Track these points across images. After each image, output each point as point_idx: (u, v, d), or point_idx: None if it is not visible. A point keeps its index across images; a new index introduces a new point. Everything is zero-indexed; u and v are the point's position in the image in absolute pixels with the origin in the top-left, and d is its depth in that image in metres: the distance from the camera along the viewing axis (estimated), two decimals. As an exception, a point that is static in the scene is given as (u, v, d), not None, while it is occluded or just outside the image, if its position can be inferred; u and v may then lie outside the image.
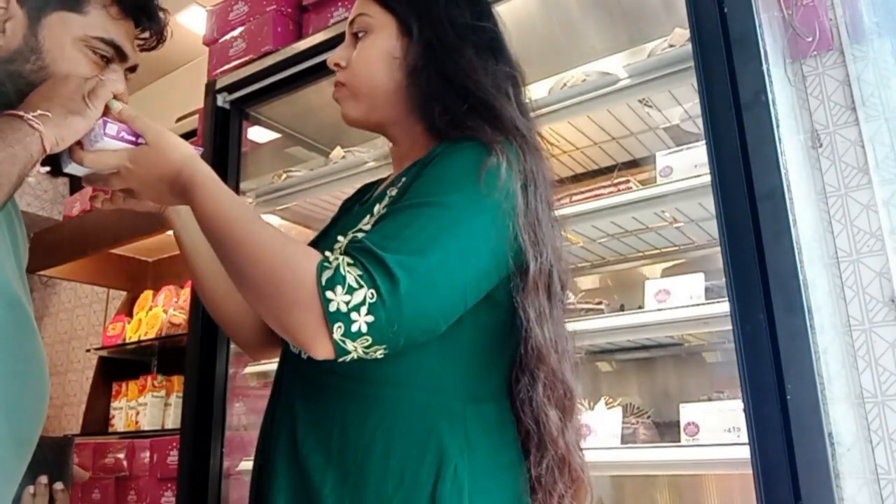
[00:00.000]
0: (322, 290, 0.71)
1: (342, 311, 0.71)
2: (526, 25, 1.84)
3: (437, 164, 0.85)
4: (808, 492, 0.98)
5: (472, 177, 0.82)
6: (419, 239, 0.76)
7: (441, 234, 0.77)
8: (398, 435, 0.82)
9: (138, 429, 2.78)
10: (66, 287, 4.19)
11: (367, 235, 0.77)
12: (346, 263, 0.73)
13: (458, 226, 0.79)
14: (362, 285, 0.72)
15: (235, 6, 2.13)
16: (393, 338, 0.74)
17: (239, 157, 2.05)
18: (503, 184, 0.82)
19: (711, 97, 1.19)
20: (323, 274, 0.72)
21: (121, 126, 0.87)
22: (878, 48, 1.58)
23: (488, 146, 0.85)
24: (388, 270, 0.72)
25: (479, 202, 0.81)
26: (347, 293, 0.71)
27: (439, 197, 0.80)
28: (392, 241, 0.75)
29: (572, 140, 1.98)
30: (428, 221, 0.78)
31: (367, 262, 0.73)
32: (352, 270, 0.72)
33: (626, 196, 1.62)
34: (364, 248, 0.74)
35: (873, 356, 1.45)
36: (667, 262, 1.99)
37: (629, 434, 1.59)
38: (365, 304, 0.71)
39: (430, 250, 0.76)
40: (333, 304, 0.71)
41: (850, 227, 1.53)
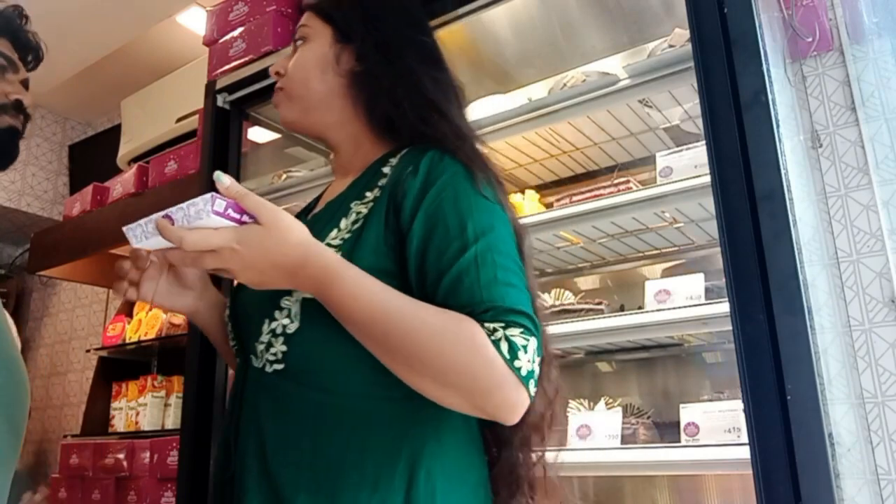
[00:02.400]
0: (511, 363, 0.77)
1: (530, 370, 0.79)
2: (526, 26, 1.84)
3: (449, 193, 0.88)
4: (808, 492, 0.98)
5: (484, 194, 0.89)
6: (513, 278, 0.84)
7: (508, 262, 0.85)
8: (371, 444, 0.83)
9: (138, 429, 2.78)
10: (66, 287, 4.19)
11: (480, 296, 0.81)
12: (504, 329, 0.79)
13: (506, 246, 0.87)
14: (528, 339, 0.79)
15: (235, 7, 2.13)
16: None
17: (239, 157, 2.05)
18: (492, 184, 0.92)
19: (711, 97, 1.19)
20: (501, 348, 0.78)
21: (229, 202, 0.77)
22: (877, 48, 1.58)
23: (467, 165, 0.91)
24: (529, 317, 0.81)
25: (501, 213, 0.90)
26: (525, 352, 0.79)
27: (484, 228, 0.86)
28: (505, 290, 0.82)
29: (572, 140, 1.98)
30: (500, 258, 0.84)
31: (518, 320, 0.80)
32: (513, 332, 0.79)
33: (626, 196, 1.62)
34: (504, 310, 0.80)
35: (873, 356, 1.45)
36: (667, 263, 1.99)
37: (629, 434, 1.59)
38: (535, 350, 0.80)
39: (517, 279, 0.85)
40: (524, 370, 0.78)
41: (850, 228, 1.53)
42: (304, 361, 0.87)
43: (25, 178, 4.05)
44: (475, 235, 0.84)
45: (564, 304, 1.79)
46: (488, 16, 1.74)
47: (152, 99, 3.35)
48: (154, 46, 3.46)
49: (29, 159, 4.08)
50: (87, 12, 3.08)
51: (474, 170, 0.90)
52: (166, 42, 3.44)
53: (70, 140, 4.27)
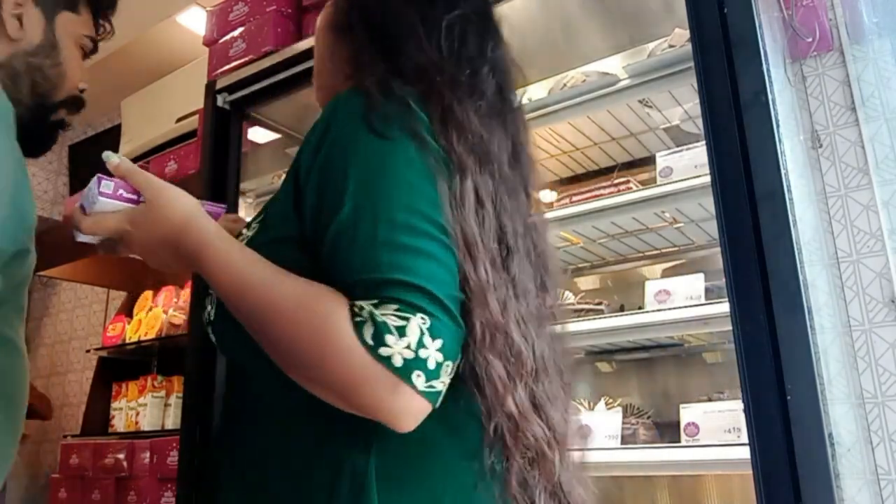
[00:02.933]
0: (374, 351, 0.61)
1: (409, 357, 0.61)
2: (526, 26, 1.84)
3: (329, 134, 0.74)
4: (808, 492, 0.98)
5: (377, 130, 0.71)
6: (402, 238, 0.66)
7: (405, 216, 0.67)
8: (293, 438, 0.73)
9: (138, 429, 2.78)
10: (66, 287, 4.18)
11: (351, 264, 0.67)
12: (373, 307, 0.63)
13: (405, 196, 0.68)
14: (407, 317, 0.62)
15: (235, 7, 2.13)
16: (461, 339, 0.67)
17: (239, 157, 2.05)
18: (391, 115, 0.72)
19: (711, 97, 1.19)
20: (364, 332, 0.62)
21: (118, 183, 0.75)
22: (877, 48, 1.58)
23: (364, 97, 0.74)
24: (414, 286, 0.64)
25: (405, 152, 0.71)
26: (401, 336, 0.62)
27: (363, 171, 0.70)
28: (385, 255, 0.66)
29: (572, 140, 1.98)
30: (383, 213, 0.67)
31: (393, 293, 0.63)
32: (386, 310, 0.62)
33: (627, 196, 1.62)
34: (375, 282, 0.65)
35: (873, 357, 1.45)
36: (667, 263, 1.99)
37: (629, 434, 1.59)
38: (424, 333, 0.62)
39: (413, 238, 0.67)
40: (396, 358, 0.61)
41: (851, 228, 1.53)
42: (228, 350, 0.80)
43: (25, 178, 4.04)
44: (356, 184, 0.68)
45: (564, 305, 1.79)
46: (488, 16, 1.74)
47: (152, 99, 3.34)
48: (154, 46, 3.46)
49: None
50: (87, 12, 3.08)
51: (370, 100, 0.73)
52: (166, 42, 3.44)
53: (70, 140, 4.26)
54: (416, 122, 0.73)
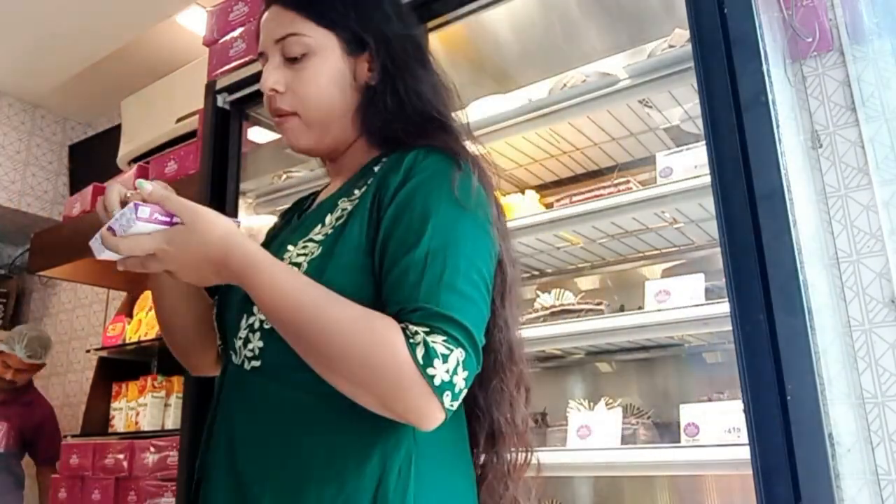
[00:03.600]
0: (423, 368, 0.75)
1: (446, 380, 0.76)
2: (526, 26, 1.84)
3: (420, 190, 0.85)
4: (808, 492, 0.98)
5: (454, 199, 0.84)
6: (461, 284, 0.80)
7: (468, 270, 0.82)
8: (341, 443, 0.82)
9: (138, 429, 2.78)
10: (66, 287, 4.19)
11: (414, 295, 0.79)
12: (426, 334, 0.76)
13: (470, 252, 0.83)
14: (452, 349, 0.77)
15: (235, 7, 2.13)
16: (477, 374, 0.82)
17: (239, 157, 2.05)
18: (477, 192, 0.87)
19: (711, 98, 1.19)
20: (417, 352, 0.75)
21: (153, 207, 0.82)
22: (877, 49, 1.58)
23: (454, 158, 0.88)
24: (462, 327, 0.78)
25: (475, 220, 0.85)
26: (444, 362, 0.76)
27: (446, 232, 0.82)
28: (446, 295, 0.79)
29: (572, 141, 1.98)
30: (451, 260, 0.81)
31: (445, 327, 0.77)
32: (436, 339, 0.76)
33: (627, 197, 1.62)
34: (431, 314, 0.78)
35: (873, 357, 1.45)
36: (667, 263, 1.99)
37: (629, 435, 1.59)
38: (459, 364, 0.77)
39: (469, 286, 0.81)
40: (437, 378, 0.75)
41: (851, 228, 1.53)
42: (279, 357, 0.85)
43: (26, 178, 4.05)
44: (434, 232, 0.82)
45: (564, 305, 1.79)
46: (488, 16, 1.74)
47: (152, 99, 3.35)
48: (154, 47, 3.46)
49: (29, 159, 4.08)
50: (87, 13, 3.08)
51: (458, 170, 0.86)
52: (166, 42, 3.44)
53: (70, 140, 4.27)
54: (493, 203, 0.91)
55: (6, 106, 4.02)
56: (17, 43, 3.38)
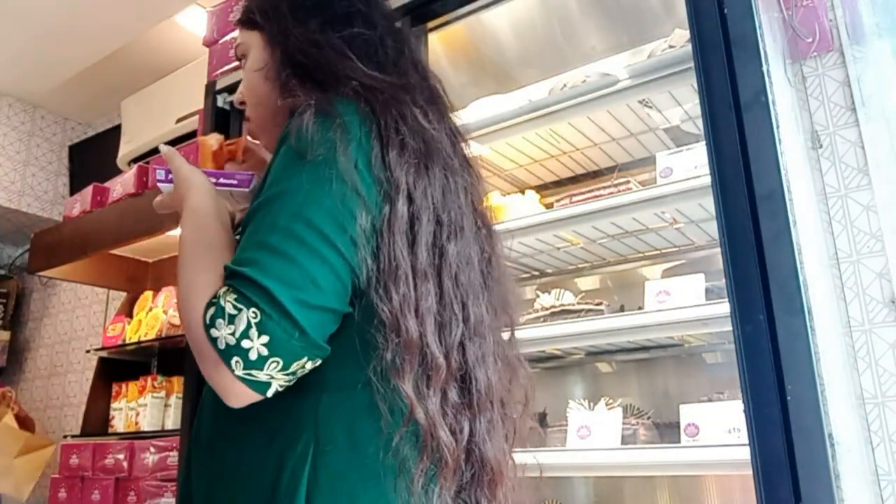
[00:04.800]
0: (206, 330, 0.70)
1: (231, 343, 0.69)
2: (526, 26, 1.84)
3: (275, 152, 0.83)
4: (808, 493, 0.98)
5: (294, 152, 0.79)
6: (273, 238, 0.73)
7: (290, 223, 0.74)
8: (249, 440, 0.79)
9: (138, 430, 2.78)
10: (66, 288, 4.19)
11: (235, 255, 0.77)
12: (222, 293, 0.71)
13: (298, 205, 0.75)
14: (240, 308, 0.69)
15: (235, 7, 2.13)
16: (301, 343, 0.71)
17: (239, 157, 2.05)
18: (317, 137, 0.78)
19: (711, 98, 1.19)
20: (208, 312, 0.71)
21: (167, 168, 0.94)
22: (878, 49, 1.58)
23: (300, 111, 0.81)
24: (256, 283, 0.70)
25: (308, 172, 0.76)
26: (230, 323, 0.69)
27: (280, 187, 0.77)
28: (248, 253, 0.74)
29: (572, 141, 1.98)
30: (276, 217, 0.75)
31: (237, 285, 0.71)
32: (228, 298, 0.70)
33: (627, 197, 1.62)
34: (231, 272, 0.73)
35: (873, 357, 1.45)
36: (667, 263, 1.99)
37: (629, 435, 1.59)
38: (251, 325, 0.69)
39: (284, 242, 0.73)
40: (220, 341, 0.69)
41: (851, 228, 1.53)
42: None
43: (25, 178, 4.04)
44: (266, 190, 0.79)
45: (565, 305, 1.79)
46: (489, 16, 1.75)
47: (152, 99, 3.34)
48: (154, 47, 3.46)
49: (29, 160, 4.08)
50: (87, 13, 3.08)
51: (295, 120, 0.80)
52: (166, 42, 3.44)
53: (70, 140, 4.26)
54: (344, 149, 0.78)
55: (6, 106, 4.02)
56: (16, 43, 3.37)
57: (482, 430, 0.83)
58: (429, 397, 0.77)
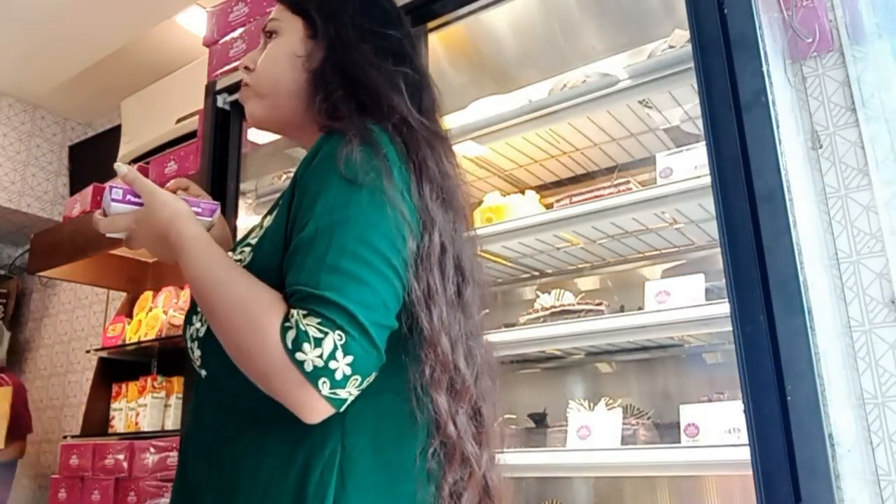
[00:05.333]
0: (291, 354, 0.72)
1: (319, 366, 0.71)
2: (526, 27, 1.84)
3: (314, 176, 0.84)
4: (808, 493, 0.98)
5: (344, 179, 0.80)
6: (343, 263, 0.76)
7: (356, 247, 0.77)
8: (268, 448, 0.80)
9: (138, 430, 2.78)
10: (66, 288, 4.19)
11: (297, 278, 0.76)
12: (301, 317, 0.73)
13: (360, 229, 0.78)
14: (326, 332, 0.72)
15: (236, 7, 2.13)
16: (376, 360, 0.76)
17: (239, 157, 2.05)
18: (365, 165, 0.81)
19: (711, 98, 1.19)
20: (287, 336, 0.72)
21: (126, 189, 0.91)
22: (878, 49, 1.58)
23: (344, 135, 0.84)
24: (340, 306, 0.73)
25: (364, 197, 0.80)
26: (316, 346, 0.71)
27: (337, 213, 0.79)
28: (324, 276, 0.75)
29: (572, 141, 1.98)
30: (340, 241, 0.77)
31: (319, 308, 0.73)
32: (310, 322, 0.72)
33: (627, 197, 1.62)
34: (308, 295, 0.74)
35: (873, 357, 1.45)
36: (667, 263, 1.99)
37: (629, 435, 1.59)
38: (337, 348, 0.72)
39: (355, 265, 0.76)
40: (308, 364, 0.71)
41: (851, 229, 1.53)
42: (215, 364, 0.86)
43: (26, 178, 4.05)
44: (322, 211, 0.79)
45: (564, 305, 1.79)
46: (489, 16, 1.75)
47: (152, 99, 3.35)
48: (154, 47, 3.46)
49: (29, 160, 4.08)
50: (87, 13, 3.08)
51: (342, 146, 0.82)
52: (166, 43, 3.44)
53: (70, 141, 4.27)
54: (389, 174, 0.82)
55: (6, 106, 4.02)
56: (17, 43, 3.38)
57: (486, 460, 0.88)
58: (458, 415, 0.83)
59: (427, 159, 0.88)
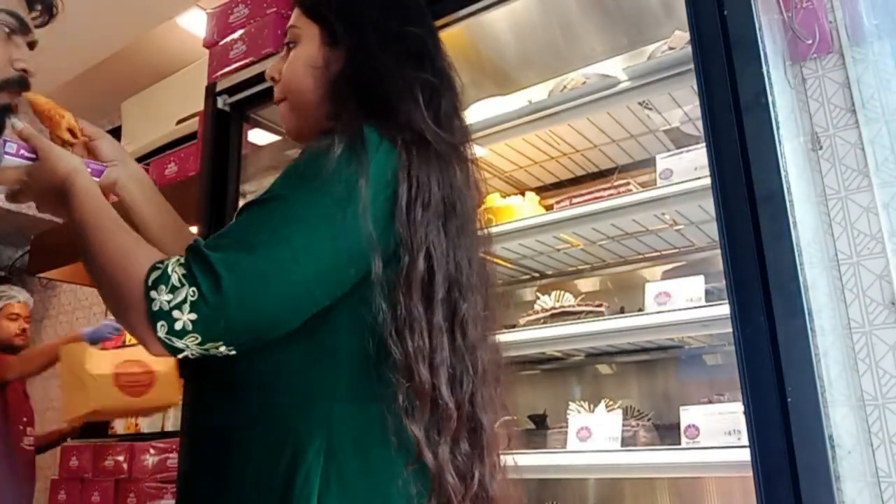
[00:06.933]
0: (147, 290, 0.74)
1: (164, 309, 0.73)
2: (526, 28, 1.84)
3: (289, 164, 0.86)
4: (808, 494, 0.98)
5: (312, 170, 0.81)
6: (252, 236, 0.77)
7: (276, 229, 0.78)
8: (256, 441, 0.80)
9: (138, 431, 2.78)
10: (66, 289, 4.19)
11: (210, 237, 0.79)
12: (175, 264, 0.75)
13: (294, 220, 0.78)
14: (184, 284, 0.74)
15: (236, 9, 2.13)
16: (227, 334, 0.75)
17: (239, 159, 2.05)
18: (339, 174, 0.79)
19: (711, 99, 1.19)
20: (151, 274, 0.75)
21: (20, 144, 0.94)
22: (877, 50, 1.58)
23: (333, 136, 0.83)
24: (211, 268, 0.74)
25: (316, 194, 0.80)
26: (170, 292, 0.74)
27: (278, 191, 0.82)
28: (223, 240, 0.78)
29: (572, 142, 1.98)
30: (265, 217, 0.79)
31: (191, 262, 0.75)
32: (178, 270, 0.75)
33: (627, 198, 1.62)
34: (193, 248, 0.76)
35: (873, 359, 1.45)
36: (667, 265, 1.99)
37: (629, 437, 1.59)
38: (186, 301, 0.73)
39: (261, 246, 0.76)
40: (156, 304, 0.74)
41: (851, 230, 1.53)
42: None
43: (26, 179, 4.05)
44: (264, 193, 0.82)
45: (565, 306, 1.79)
46: (489, 18, 1.74)
47: (153, 101, 3.35)
48: (154, 48, 3.46)
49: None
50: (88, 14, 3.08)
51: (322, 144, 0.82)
52: (167, 44, 3.44)
53: (70, 142, 4.26)
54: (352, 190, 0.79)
55: (6, 108, 4.02)
56: (17, 45, 3.38)
57: (487, 474, 0.87)
58: (440, 444, 0.81)
59: (429, 178, 0.86)
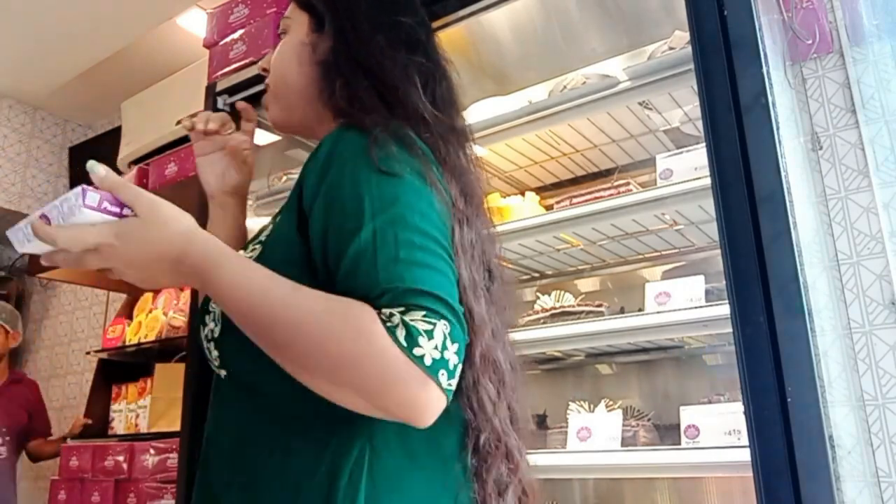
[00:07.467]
0: (408, 351, 0.67)
1: (437, 358, 0.68)
2: (526, 28, 1.84)
3: (342, 173, 0.79)
4: (808, 495, 0.98)
5: (383, 167, 0.77)
6: (414, 254, 0.73)
7: (419, 239, 0.74)
8: (295, 447, 0.78)
9: (138, 431, 2.78)
10: (66, 289, 4.19)
11: (375, 280, 0.71)
12: (399, 313, 0.69)
13: (416, 221, 0.76)
14: (434, 322, 0.69)
15: (236, 9, 2.13)
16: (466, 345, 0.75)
17: (239, 159, 2.05)
18: (402, 158, 0.79)
19: (711, 100, 1.19)
20: (397, 335, 0.67)
21: (103, 195, 0.73)
22: (877, 51, 1.58)
23: (365, 131, 0.80)
24: (436, 296, 0.71)
25: (411, 185, 0.78)
26: (430, 338, 0.68)
27: (387, 210, 0.75)
28: (405, 272, 0.71)
29: (572, 142, 1.98)
30: (401, 236, 0.74)
31: (417, 301, 0.70)
32: (414, 316, 0.69)
33: (626, 198, 1.62)
34: (400, 293, 0.70)
35: (874, 359, 1.45)
36: (667, 265, 1.99)
37: (629, 437, 1.59)
38: (446, 337, 0.70)
39: (426, 256, 0.74)
40: (427, 358, 0.68)
41: (851, 230, 1.53)
42: (234, 364, 0.84)
43: (26, 180, 4.05)
44: (373, 211, 0.74)
45: (564, 307, 1.79)
46: (488, 18, 1.74)
47: (152, 101, 3.34)
48: (154, 48, 3.46)
49: (29, 161, 4.08)
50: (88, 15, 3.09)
51: (374, 141, 0.79)
52: (167, 44, 3.44)
53: (70, 142, 4.27)
54: (428, 167, 0.81)
55: (6, 108, 4.03)
56: (17, 45, 3.38)
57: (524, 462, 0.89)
58: (500, 407, 0.82)
59: (449, 155, 0.88)
